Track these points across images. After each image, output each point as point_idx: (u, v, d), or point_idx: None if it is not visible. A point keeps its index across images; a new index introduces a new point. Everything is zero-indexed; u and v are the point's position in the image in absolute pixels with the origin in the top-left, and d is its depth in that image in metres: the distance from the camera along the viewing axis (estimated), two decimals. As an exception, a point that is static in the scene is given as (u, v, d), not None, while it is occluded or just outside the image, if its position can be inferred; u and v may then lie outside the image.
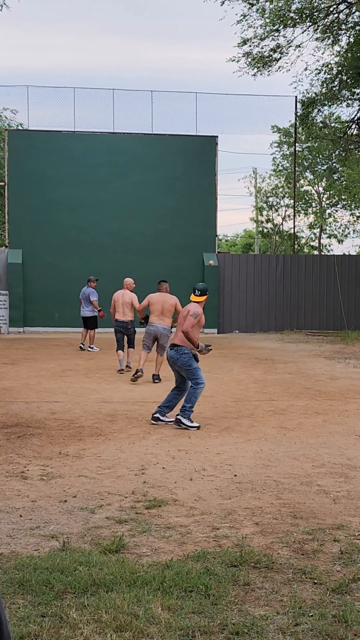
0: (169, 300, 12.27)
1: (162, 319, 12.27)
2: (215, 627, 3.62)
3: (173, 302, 12.24)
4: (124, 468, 6.73)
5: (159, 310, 12.26)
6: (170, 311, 12.27)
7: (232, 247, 57.99)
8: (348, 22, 23.50)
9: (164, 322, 12.27)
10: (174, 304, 12.21)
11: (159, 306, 12.27)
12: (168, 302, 12.26)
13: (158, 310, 12.28)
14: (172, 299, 12.28)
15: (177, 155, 24.64)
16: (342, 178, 38.55)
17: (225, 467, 6.80)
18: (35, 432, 8.23)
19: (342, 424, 8.90)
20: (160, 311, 12.26)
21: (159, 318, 12.27)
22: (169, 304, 12.24)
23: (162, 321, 12.27)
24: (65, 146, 24.30)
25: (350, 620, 3.69)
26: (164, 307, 12.24)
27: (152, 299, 12.39)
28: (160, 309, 12.26)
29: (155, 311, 12.30)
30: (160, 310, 12.26)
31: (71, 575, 4.19)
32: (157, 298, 12.36)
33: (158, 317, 12.26)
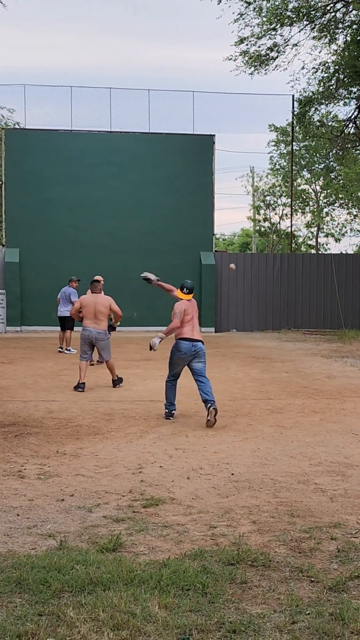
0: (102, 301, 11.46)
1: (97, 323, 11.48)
2: (212, 625, 3.63)
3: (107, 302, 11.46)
4: (121, 467, 6.73)
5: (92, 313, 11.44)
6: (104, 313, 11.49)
7: (230, 246, 58.03)
8: (345, 20, 23.52)
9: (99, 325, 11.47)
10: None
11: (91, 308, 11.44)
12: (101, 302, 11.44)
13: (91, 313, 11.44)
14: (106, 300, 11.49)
15: (174, 154, 24.64)
16: (339, 177, 38.59)
17: (223, 465, 6.80)
18: (33, 431, 8.22)
19: (339, 422, 8.91)
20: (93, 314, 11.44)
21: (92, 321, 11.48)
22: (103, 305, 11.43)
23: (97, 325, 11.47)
24: (63, 145, 24.29)
25: (347, 618, 3.69)
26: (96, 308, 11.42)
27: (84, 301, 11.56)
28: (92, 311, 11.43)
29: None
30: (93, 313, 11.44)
31: (68, 574, 4.19)
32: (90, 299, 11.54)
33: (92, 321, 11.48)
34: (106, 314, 11.58)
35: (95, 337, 11.47)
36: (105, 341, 11.59)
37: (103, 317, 11.50)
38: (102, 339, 11.52)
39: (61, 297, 17.28)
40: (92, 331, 11.44)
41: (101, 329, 11.48)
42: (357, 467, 6.77)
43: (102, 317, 11.49)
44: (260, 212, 46.76)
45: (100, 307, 11.42)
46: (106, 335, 11.58)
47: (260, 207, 46.47)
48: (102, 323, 11.49)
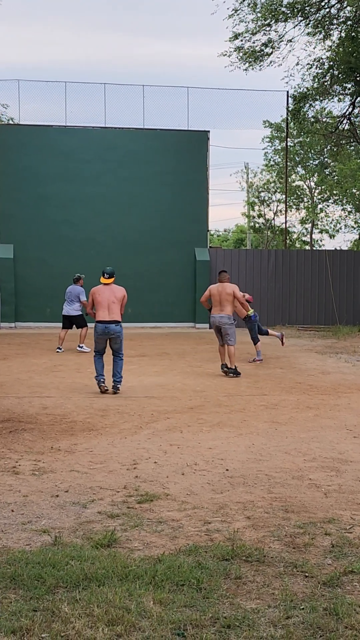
0: (226, 290, 12.73)
1: (222, 310, 12.70)
2: (206, 620, 3.63)
3: (230, 290, 12.74)
4: (115, 463, 6.73)
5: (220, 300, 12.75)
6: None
7: (224, 243, 58.03)
8: (339, 16, 23.51)
9: (223, 311, 12.65)
10: (232, 291, 12.73)
11: (217, 297, 12.80)
12: (225, 291, 12.71)
13: (217, 301, 12.75)
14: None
15: (168, 150, 24.61)
16: (334, 173, 38.60)
17: (217, 461, 6.81)
18: (27, 427, 8.22)
19: (333, 418, 8.93)
20: (218, 302, 12.71)
21: (218, 309, 12.75)
22: (226, 293, 12.70)
23: (222, 311, 12.66)
24: (57, 141, 24.23)
25: (341, 613, 3.71)
26: (221, 297, 12.69)
27: (212, 291, 12.91)
28: (217, 299, 12.75)
29: (215, 302, 12.79)
30: (218, 301, 12.71)
31: (63, 569, 4.19)
32: (217, 288, 12.84)
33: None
34: (231, 300, 12.78)
35: (219, 322, 12.70)
36: (231, 325, 12.74)
37: (228, 303, 12.73)
38: (227, 323, 12.68)
39: (67, 297, 16.93)
40: (215, 317, 12.78)
41: (224, 314, 12.75)
42: (351, 463, 6.79)
43: (227, 303, 12.72)
44: (254, 208, 46.74)
45: (225, 294, 12.71)
46: (230, 319, 12.74)
47: (255, 203, 46.45)
48: (226, 309, 12.74)
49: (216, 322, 12.72)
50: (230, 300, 12.66)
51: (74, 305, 16.79)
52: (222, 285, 12.79)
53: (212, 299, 12.78)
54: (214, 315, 12.74)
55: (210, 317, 12.91)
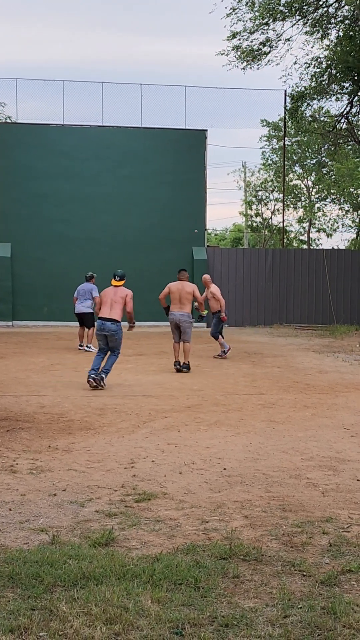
0: (186, 289, 12.93)
1: (181, 307, 12.90)
2: (204, 619, 3.64)
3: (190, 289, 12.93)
4: (113, 462, 6.73)
5: (177, 299, 12.93)
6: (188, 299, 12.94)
7: (222, 241, 58.07)
8: (337, 16, 23.52)
9: (183, 309, 12.87)
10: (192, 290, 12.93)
11: (176, 295, 12.93)
12: (185, 290, 12.92)
13: (176, 299, 12.93)
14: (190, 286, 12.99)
15: (166, 149, 24.60)
16: (331, 172, 38.63)
17: (215, 460, 6.82)
18: (25, 426, 8.21)
19: (330, 417, 8.93)
20: (177, 299, 12.90)
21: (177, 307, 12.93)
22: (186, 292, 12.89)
23: (182, 309, 12.88)
24: (54, 139, 24.22)
25: (339, 612, 3.71)
26: (181, 295, 12.88)
27: (171, 288, 13.09)
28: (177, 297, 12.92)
29: (174, 300, 12.96)
30: (178, 299, 12.90)
31: (61, 568, 4.19)
32: (176, 286, 13.00)
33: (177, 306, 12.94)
34: (190, 299, 12.96)
35: (179, 320, 12.91)
36: (189, 323, 12.99)
37: (187, 302, 12.93)
38: (187, 321, 12.94)
39: (79, 295, 16.79)
40: (175, 314, 12.93)
41: (184, 312, 12.95)
42: (349, 462, 6.80)
43: (187, 302, 12.93)
44: (252, 208, 46.78)
45: (185, 293, 12.87)
46: (190, 318, 12.96)
47: (252, 202, 46.49)
48: (186, 307, 12.96)
49: (176, 319, 12.87)
50: (190, 299, 12.87)
51: (85, 303, 16.66)
52: (181, 283, 12.99)
53: (172, 297, 12.95)
54: (174, 312, 12.90)
55: (170, 314, 12.98)
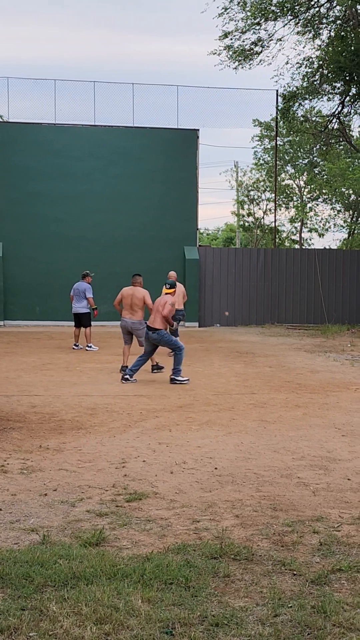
0: (136, 295, 12.45)
1: (133, 314, 12.47)
2: (195, 618, 3.64)
3: (141, 295, 12.45)
4: (104, 461, 6.73)
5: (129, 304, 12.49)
6: (139, 305, 12.48)
7: (214, 241, 58.10)
8: (329, 16, 23.58)
9: (134, 316, 12.46)
10: (142, 297, 12.42)
11: (128, 300, 12.47)
12: (136, 296, 12.44)
13: (128, 304, 12.48)
14: (141, 292, 12.50)
15: (158, 148, 24.60)
16: (323, 172, 38.70)
17: (206, 460, 6.82)
18: (16, 426, 8.20)
19: (322, 417, 8.95)
20: (129, 305, 12.46)
21: (129, 313, 12.50)
22: (137, 298, 12.43)
23: (133, 316, 12.46)
24: (46, 139, 24.18)
25: (329, 611, 3.72)
26: (132, 301, 12.43)
27: (123, 294, 12.63)
28: (128, 303, 12.46)
29: (126, 305, 12.51)
30: (129, 304, 12.46)
31: (51, 568, 4.19)
32: (127, 292, 12.58)
33: (129, 312, 12.50)
34: (141, 306, 12.49)
35: (131, 327, 12.47)
36: (142, 330, 12.45)
37: (138, 308, 12.52)
38: (139, 328, 12.44)
39: (75, 294, 16.76)
40: (127, 321, 12.50)
41: (136, 319, 12.49)
42: (340, 461, 6.81)
43: (138, 308, 12.52)
44: (244, 207, 46.81)
45: (136, 299, 12.44)
46: (142, 325, 12.45)
47: (244, 202, 46.51)
48: (137, 314, 12.49)
49: (127, 326, 12.49)
50: (141, 306, 12.44)
51: (82, 303, 16.61)
52: (133, 289, 12.55)
53: (124, 302, 12.51)
54: (125, 319, 12.49)
55: (121, 320, 12.59)
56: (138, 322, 12.43)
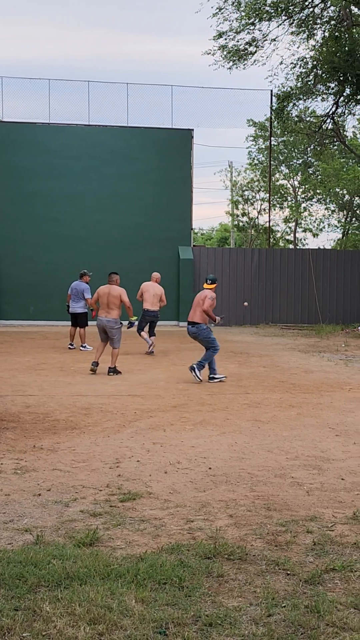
0: (113, 293, 12.41)
1: (108, 312, 12.42)
2: (188, 618, 3.64)
3: (117, 293, 12.40)
4: (98, 461, 6.72)
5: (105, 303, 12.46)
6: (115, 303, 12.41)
7: (208, 241, 58.09)
8: (323, 16, 23.61)
9: (110, 314, 12.41)
10: (119, 295, 12.39)
11: (104, 299, 12.45)
12: (112, 294, 12.40)
13: (104, 303, 12.44)
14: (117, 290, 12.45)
15: (152, 148, 24.60)
16: (317, 172, 38.73)
17: (200, 460, 6.82)
18: (9, 426, 8.18)
19: (316, 417, 8.96)
20: (105, 304, 12.41)
21: (105, 312, 12.47)
22: (113, 297, 12.38)
23: (108, 314, 12.41)
24: (40, 138, 24.14)
25: (323, 611, 3.72)
26: (109, 300, 12.39)
27: (99, 292, 12.60)
28: (105, 301, 12.43)
29: (102, 304, 12.47)
30: (105, 303, 12.41)
31: (45, 568, 4.18)
32: (104, 290, 12.57)
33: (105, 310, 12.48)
34: (118, 304, 12.41)
35: (105, 325, 12.39)
36: (117, 329, 12.44)
37: (115, 307, 12.42)
38: (114, 327, 12.40)
39: (72, 293, 16.64)
40: (102, 320, 12.42)
41: (111, 318, 12.41)
42: (334, 461, 6.82)
43: (114, 307, 12.42)
44: (238, 207, 46.80)
45: (112, 298, 12.38)
46: (117, 324, 12.42)
47: (239, 202, 46.51)
48: (113, 312, 12.45)
49: (102, 324, 12.43)
50: (118, 304, 12.36)
51: (80, 303, 16.49)
52: (109, 287, 12.51)
53: (100, 301, 12.49)
54: (101, 317, 12.45)
55: (97, 318, 12.55)
56: (113, 321, 12.35)
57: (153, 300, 15.62)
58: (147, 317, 15.68)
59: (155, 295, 15.70)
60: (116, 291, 12.41)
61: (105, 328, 12.42)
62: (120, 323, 12.50)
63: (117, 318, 12.44)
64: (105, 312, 12.41)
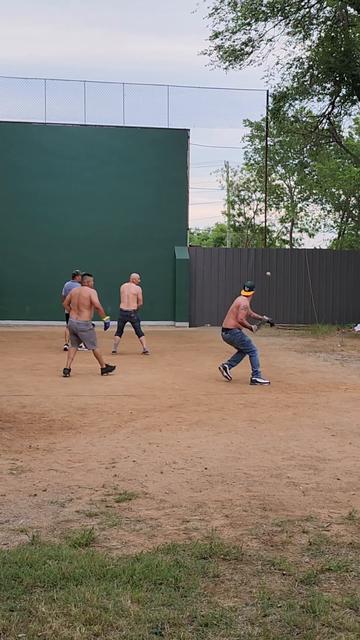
0: (82, 294, 12.26)
1: (79, 314, 12.25)
2: (184, 619, 3.64)
3: (87, 294, 12.25)
4: (94, 461, 6.72)
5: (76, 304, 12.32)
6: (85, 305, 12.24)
7: (204, 241, 58.11)
8: (319, 16, 23.63)
9: (80, 316, 12.23)
10: (88, 296, 12.23)
11: (75, 300, 12.31)
12: (82, 295, 12.25)
13: (75, 304, 12.32)
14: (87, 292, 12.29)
15: (148, 148, 24.60)
16: (313, 172, 38.78)
17: (196, 460, 6.82)
18: (5, 426, 8.17)
19: (312, 417, 8.97)
20: (76, 305, 12.28)
21: (75, 314, 12.31)
22: (83, 298, 12.23)
23: (79, 316, 12.24)
24: (37, 138, 24.14)
25: (318, 611, 3.72)
26: (79, 301, 12.23)
27: (71, 294, 12.49)
28: (75, 303, 12.29)
29: (73, 306, 12.35)
30: (76, 305, 12.27)
31: (40, 569, 4.17)
32: (75, 292, 12.42)
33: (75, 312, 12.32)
34: (87, 306, 12.22)
35: (76, 328, 12.21)
36: (87, 332, 12.20)
37: (84, 308, 12.21)
38: (84, 329, 12.16)
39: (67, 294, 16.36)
40: (73, 322, 12.24)
41: (81, 320, 12.17)
42: (329, 461, 6.83)
43: (84, 308, 12.22)
44: (234, 207, 46.86)
45: (82, 299, 12.20)
46: (87, 326, 12.19)
47: (235, 202, 46.56)
48: (83, 314, 12.21)
49: (73, 326, 12.26)
50: (87, 305, 12.19)
51: None
52: (81, 288, 12.37)
53: (72, 302, 12.35)
54: (72, 319, 12.29)
55: (69, 320, 12.43)
56: (84, 324, 12.16)
57: (127, 301, 15.61)
58: (120, 317, 15.75)
59: (130, 295, 15.65)
60: (86, 292, 12.23)
61: (76, 330, 12.23)
62: (92, 325, 12.34)
63: (88, 320, 12.24)
64: (76, 314, 12.23)
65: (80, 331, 12.19)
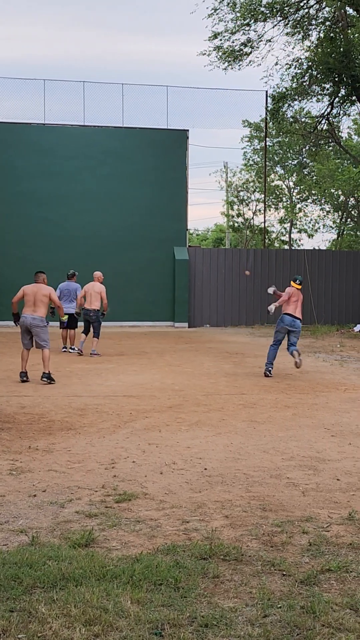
0: (42, 291, 11.90)
1: (35, 310, 11.83)
2: (184, 619, 3.63)
3: (47, 292, 11.92)
4: (94, 462, 6.71)
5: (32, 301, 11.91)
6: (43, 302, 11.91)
7: (203, 242, 58.10)
8: (318, 17, 23.64)
9: (36, 312, 11.82)
10: (48, 293, 11.90)
11: (31, 297, 11.90)
12: (41, 292, 11.89)
13: (30, 301, 11.89)
14: (46, 289, 11.97)
15: (148, 148, 24.60)
16: (313, 173, 38.79)
17: (196, 460, 6.81)
18: (5, 427, 8.17)
19: (311, 417, 8.97)
20: (32, 302, 11.86)
21: (30, 310, 11.85)
22: (42, 295, 11.87)
23: (35, 312, 11.82)
24: (36, 139, 24.13)
25: (318, 611, 3.72)
26: (36, 298, 11.85)
27: (25, 291, 12.04)
28: (31, 300, 11.87)
29: (28, 302, 11.91)
30: (32, 301, 11.86)
31: (40, 569, 4.17)
32: (31, 289, 12.00)
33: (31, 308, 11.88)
34: (46, 302, 11.93)
35: (30, 324, 11.75)
36: (42, 328, 11.84)
37: (42, 305, 11.89)
38: (39, 325, 11.79)
39: (65, 294, 16.39)
40: (27, 317, 11.77)
41: (37, 316, 11.80)
42: (329, 462, 6.82)
43: (42, 304, 11.87)
44: (233, 208, 46.85)
45: (40, 296, 11.87)
46: (42, 322, 11.85)
47: (234, 202, 46.56)
48: (39, 310, 11.85)
49: (27, 323, 11.75)
50: (46, 302, 11.91)
51: (72, 304, 16.25)
52: (37, 286, 12.01)
53: (25, 299, 11.92)
54: (26, 315, 11.77)
55: (22, 316, 11.86)
56: (39, 319, 11.81)
57: (90, 299, 15.39)
58: (85, 316, 15.53)
59: (94, 294, 15.41)
60: (45, 290, 11.95)
61: (30, 327, 11.80)
62: (47, 322, 12.11)
63: (44, 317, 11.96)
64: (32, 310, 11.83)
65: (35, 327, 11.77)
